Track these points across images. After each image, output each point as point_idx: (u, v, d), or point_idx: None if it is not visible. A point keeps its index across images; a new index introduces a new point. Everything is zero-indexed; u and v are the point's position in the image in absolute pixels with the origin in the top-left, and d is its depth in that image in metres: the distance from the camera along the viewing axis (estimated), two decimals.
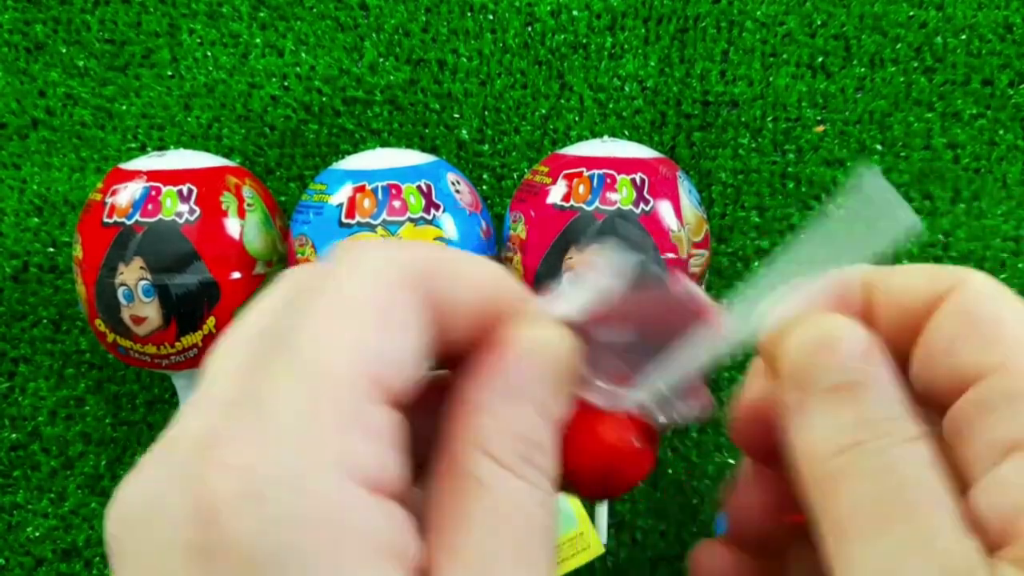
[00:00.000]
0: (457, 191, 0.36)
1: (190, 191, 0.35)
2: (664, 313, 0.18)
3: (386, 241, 0.17)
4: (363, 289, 0.15)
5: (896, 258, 0.40)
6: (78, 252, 0.36)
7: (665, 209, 0.34)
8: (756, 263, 0.41)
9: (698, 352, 0.18)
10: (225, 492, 0.13)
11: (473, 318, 0.16)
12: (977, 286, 0.17)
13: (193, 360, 0.36)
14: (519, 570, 0.15)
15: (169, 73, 0.43)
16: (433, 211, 0.34)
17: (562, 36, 0.42)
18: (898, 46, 0.41)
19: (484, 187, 0.42)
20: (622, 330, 0.18)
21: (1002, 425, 0.15)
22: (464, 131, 0.42)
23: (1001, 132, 0.40)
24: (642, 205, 0.34)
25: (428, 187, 0.35)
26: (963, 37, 0.41)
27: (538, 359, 0.16)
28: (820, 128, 0.41)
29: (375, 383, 0.14)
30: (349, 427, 0.14)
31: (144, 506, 0.14)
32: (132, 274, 0.34)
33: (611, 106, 0.42)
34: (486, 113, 0.42)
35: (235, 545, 0.12)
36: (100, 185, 0.36)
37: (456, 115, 0.42)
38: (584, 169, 0.35)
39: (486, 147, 0.42)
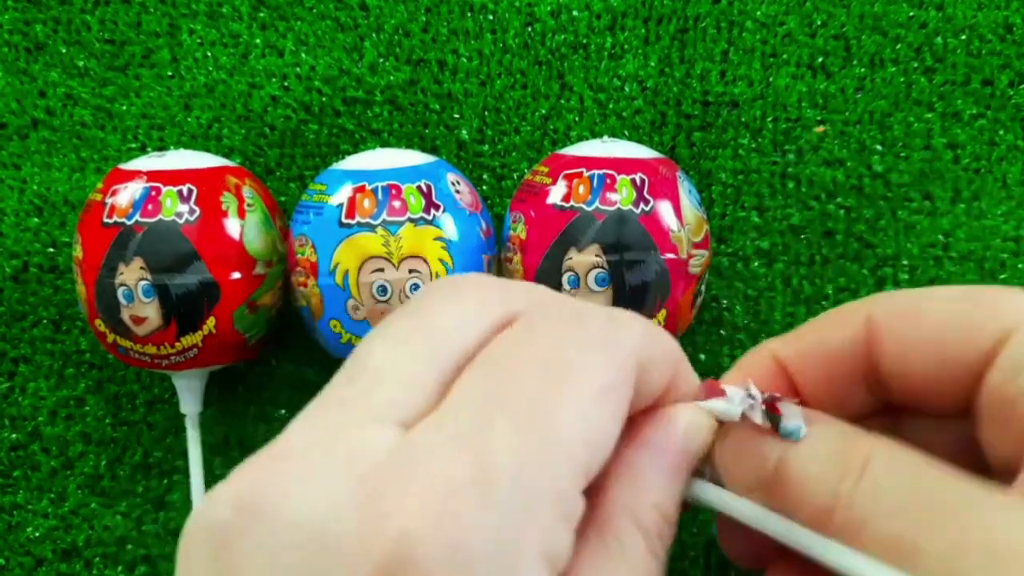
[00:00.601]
0: (457, 191, 0.36)
1: (190, 191, 0.35)
2: None
3: (596, 313, 0.16)
4: (595, 368, 0.14)
5: (896, 258, 0.40)
6: (78, 252, 0.36)
7: (665, 209, 0.34)
8: (756, 263, 0.41)
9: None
10: (427, 550, 0.11)
11: (653, 398, 0.17)
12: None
13: (193, 360, 0.36)
14: None
15: (169, 73, 0.43)
16: (433, 211, 0.34)
17: (562, 36, 0.42)
18: (898, 46, 0.41)
19: (484, 187, 0.42)
20: None
21: None
22: (464, 131, 0.42)
23: (1001, 132, 0.40)
24: (642, 205, 0.34)
25: (428, 187, 0.35)
26: (963, 37, 0.41)
27: (701, 445, 0.17)
28: (820, 128, 0.41)
29: (587, 469, 0.13)
30: (562, 514, 0.13)
31: (310, 517, 0.11)
32: (132, 274, 0.34)
33: (611, 106, 0.42)
34: (486, 113, 0.42)
35: None
36: (100, 185, 0.36)
37: (456, 115, 0.42)
38: (584, 169, 0.35)
39: (486, 147, 0.42)
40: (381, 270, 0.34)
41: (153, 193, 0.35)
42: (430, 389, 0.14)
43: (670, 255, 0.34)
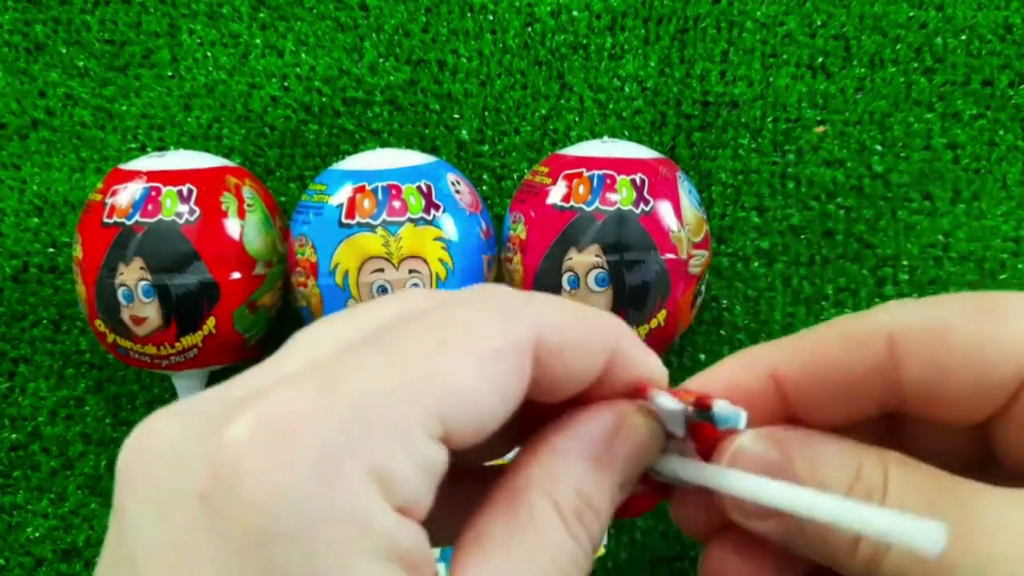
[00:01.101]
0: (457, 191, 0.36)
1: (190, 191, 0.35)
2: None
3: (514, 294, 0.16)
4: (482, 332, 0.14)
5: (896, 258, 0.40)
6: (78, 252, 0.36)
7: (665, 209, 0.34)
8: (756, 263, 0.41)
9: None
10: (252, 455, 0.12)
11: (578, 383, 0.16)
12: None
13: (193, 360, 0.36)
14: None
15: (169, 73, 0.43)
16: (433, 211, 0.34)
17: (562, 36, 0.42)
18: (898, 46, 0.41)
19: (484, 187, 0.42)
20: None
21: None
22: (464, 131, 0.42)
23: (1001, 132, 0.40)
24: (642, 205, 0.34)
25: (428, 187, 0.35)
26: (963, 37, 0.41)
27: (636, 443, 0.17)
28: (820, 129, 0.41)
29: (442, 423, 0.14)
30: (403, 448, 0.13)
31: (164, 444, 0.13)
32: (132, 274, 0.34)
33: (611, 106, 0.42)
34: (486, 113, 0.42)
35: (247, 510, 0.12)
36: (100, 185, 0.36)
37: (456, 115, 0.42)
38: (584, 169, 0.35)
39: (486, 147, 0.42)
40: (381, 270, 0.34)
41: (153, 193, 0.35)
42: (327, 358, 0.15)
43: (670, 255, 0.34)
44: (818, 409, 0.18)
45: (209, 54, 0.43)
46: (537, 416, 0.17)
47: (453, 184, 0.36)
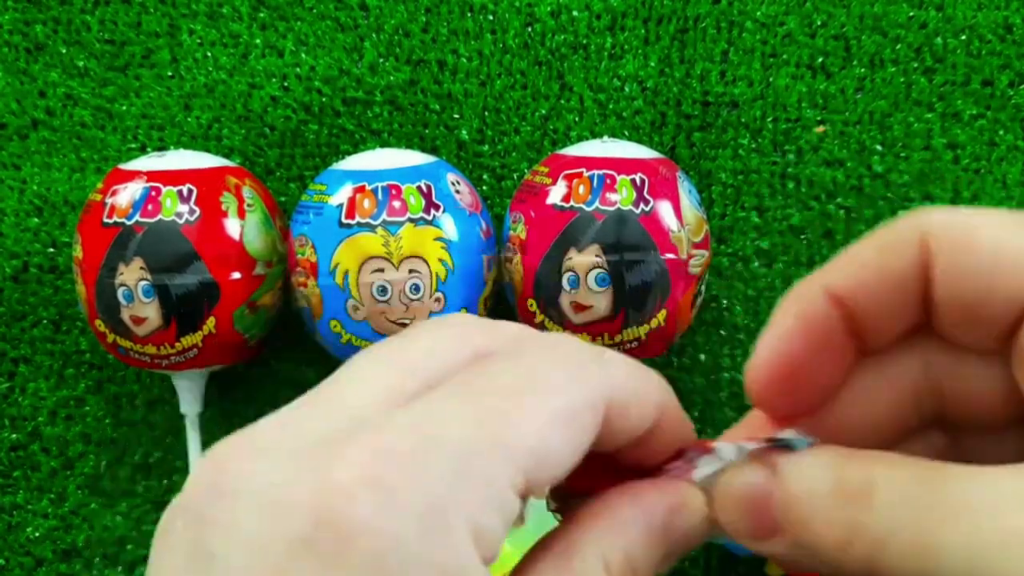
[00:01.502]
0: (457, 191, 0.36)
1: (190, 191, 0.35)
2: None
3: (582, 347, 0.17)
4: (561, 389, 0.15)
5: None
6: (78, 252, 0.36)
7: (665, 209, 0.34)
8: (756, 263, 0.41)
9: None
10: (361, 500, 0.12)
11: (632, 436, 0.17)
12: None
13: (193, 360, 0.36)
14: None
15: (169, 73, 0.43)
16: (433, 211, 0.34)
17: (562, 36, 0.42)
18: (898, 46, 0.41)
19: (484, 187, 0.42)
20: None
21: None
22: (464, 131, 0.42)
23: (1001, 132, 0.40)
24: (642, 205, 0.34)
25: (428, 187, 0.35)
26: (963, 37, 0.41)
27: (690, 525, 0.17)
28: (820, 129, 0.41)
29: (527, 479, 0.14)
30: (493, 503, 0.13)
31: (251, 486, 0.13)
32: (132, 274, 0.34)
33: (611, 106, 0.42)
34: (486, 113, 0.42)
35: (357, 557, 0.12)
36: (100, 185, 0.36)
37: (456, 115, 0.42)
38: (584, 169, 0.35)
39: (486, 147, 0.42)
40: (381, 270, 0.34)
41: (153, 193, 0.35)
42: (398, 393, 0.14)
43: (670, 255, 0.34)
44: (875, 319, 0.18)
45: (209, 54, 0.43)
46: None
47: (453, 184, 0.36)
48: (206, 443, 0.40)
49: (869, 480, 0.16)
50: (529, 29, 0.42)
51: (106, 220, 0.35)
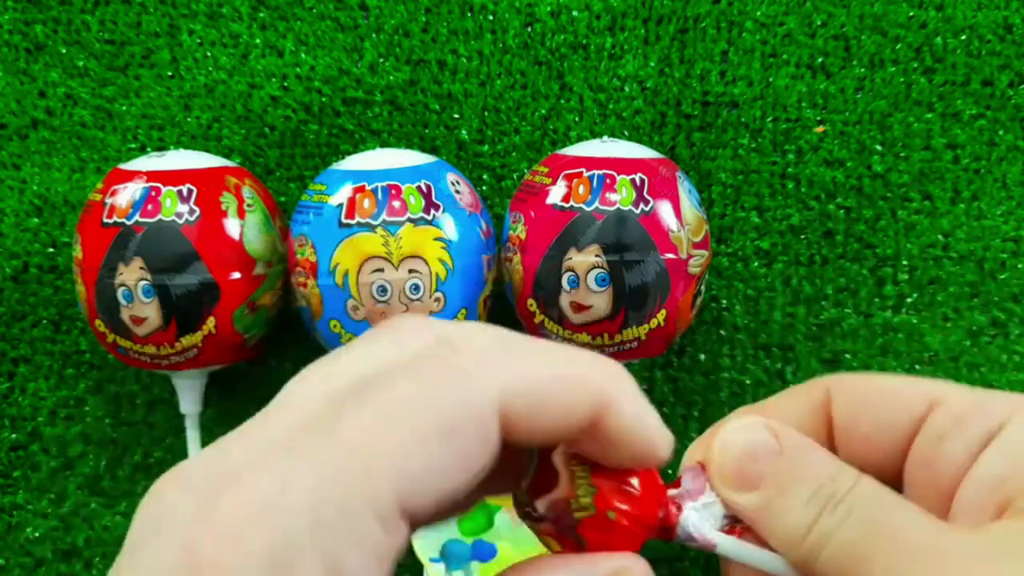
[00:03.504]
0: (457, 191, 0.36)
1: (190, 191, 0.35)
2: None
3: (486, 348, 0.16)
4: (437, 406, 0.15)
5: (896, 258, 0.40)
6: (78, 252, 0.36)
7: (665, 209, 0.34)
8: (756, 263, 0.41)
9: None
10: (213, 545, 0.13)
11: (564, 432, 0.17)
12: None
13: (193, 360, 0.36)
14: None
15: (169, 73, 0.43)
16: (433, 211, 0.34)
17: (562, 36, 0.42)
18: (898, 46, 0.41)
19: (484, 187, 0.42)
20: None
21: (962, 439, 0.18)
22: (464, 131, 0.42)
23: (1001, 132, 0.40)
24: (642, 205, 0.34)
25: (428, 187, 0.35)
26: (963, 37, 0.41)
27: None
28: (820, 129, 0.41)
29: (399, 503, 0.14)
30: (352, 540, 0.14)
31: (159, 514, 0.15)
32: (132, 274, 0.34)
33: (611, 106, 0.42)
34: (486, 113, 0.42)
35: None
36: (100, 185, 0.36)
37: (456, 115, 0.42)
38: (584, 169, 0.35)
39: (486, 147, 0.42)
40: (381, 270, 0.34)
41: (153, 193, 0.35)
42: (312, 419, 0.15)
43: (670, 255, 0.34)
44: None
45: (209, 54, 0.43)
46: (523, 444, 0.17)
47: (453, 184, 0.36)
48: (206, 443, 0.40)
49: (849, 490, 0.18)
50: (529, 29, 0.42)
51: (106, 220, 0.35)
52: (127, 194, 0.35)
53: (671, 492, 0.20)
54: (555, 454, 0.18)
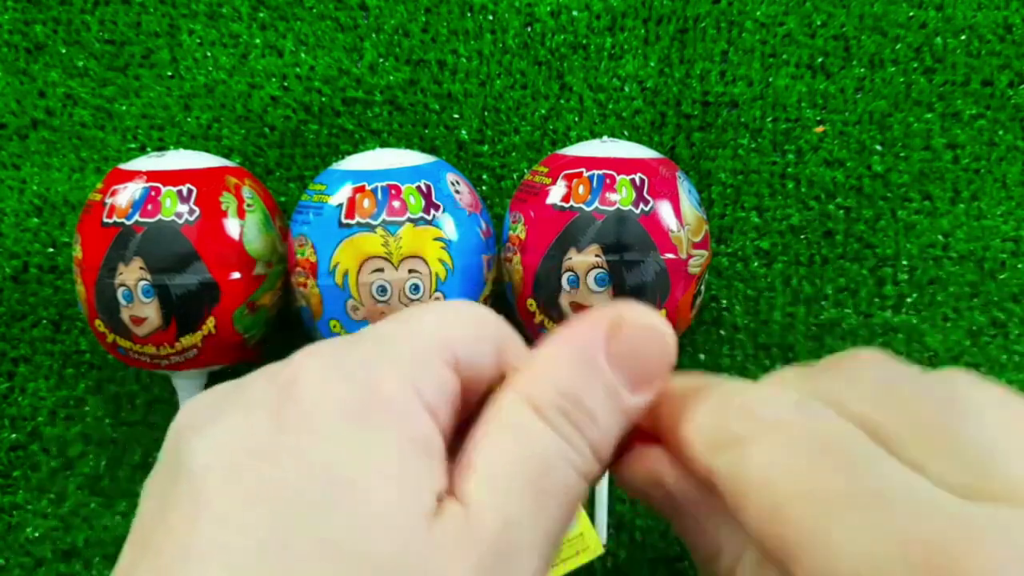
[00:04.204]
0: (457, 191, 0.36)
1: (190, 191, 0.35)
2: None
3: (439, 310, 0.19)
4: (465, 309, 0.18)
5: (896, 258, 0.40)
6: (78, 252, 0.36)
7: (665, 209, 0.34)
8: (756, 263, 0.41)
9: None
10: (308, 370, 0.17)
11: (479, 384, 0.18)
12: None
13: (193, 360, 0.36)
14: (529, 509, 0.15)
15: (169, 73, 0.43)
16: (433, 211, 0.34)
17: (562, 36, 0.42)
18: (898, 46, 0.41)
19: (484, 187, 0.42)
20: None
21: None
22: (464, 131, 0.42)
23: (1001, 132, 0.40)
24: (642, 205, 0.34)
25: (428, 187, 0.35)
26: (963, 37, 0.41)
27: (636, 343, 0.16)
28: (820, 129, 0.41)
29: (454, 355, 0.17)
30: (424, 363, 0.16)
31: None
32: (132, 274, 0.34)
33: (611, 106, 0.42)
34: (486, 113, 0.42)
35: (291, 391, 0.16)
36: (100, 185, 0.36)
37: (456, 115, 0.42)
38: (584, 169, 0.35)
39: (486, 147, 0.42)
40: (381, 270, 0.34)
41: (153, 193, 0.35)
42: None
43: (670, 255, 0.34)
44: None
45: (209, 54, 0.43)
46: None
47: (453, 184, 0.36)
48: None
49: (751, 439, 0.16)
50: (529, 29, 0.42)
51: (106, 220, 0.35)
52: (127, 194, 0.35)
53: None
54: None
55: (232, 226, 0.35)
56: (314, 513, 0.14)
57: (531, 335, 0.37)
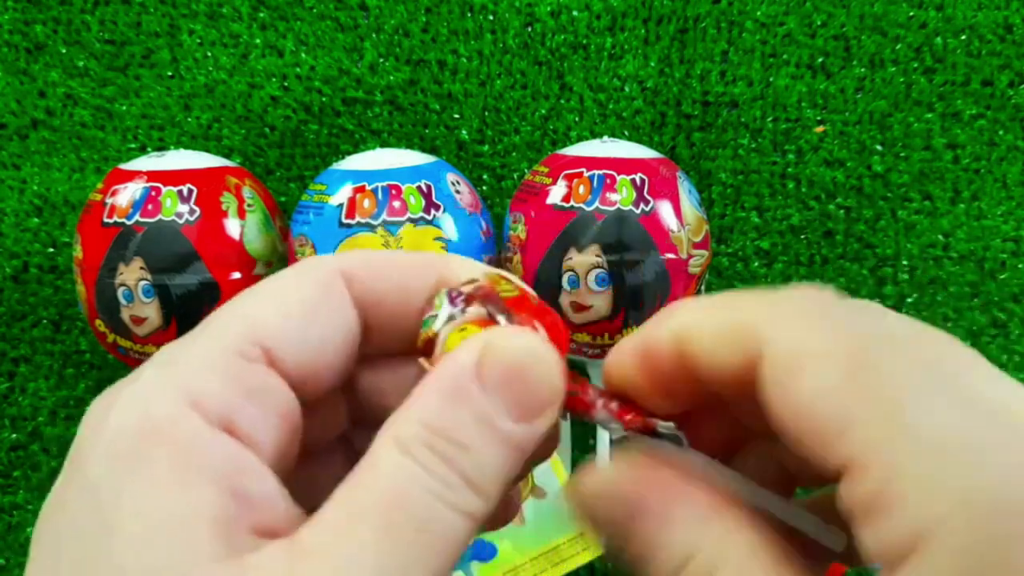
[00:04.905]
0: (457, 191, 0.36)
1: (190, 191, 0.35)
2: None
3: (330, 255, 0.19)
4: (287, 281, 0.17)
5: (896, 258, 0.40)
6: (78, 252, 0.36)
7: (665, 209, 0.34)
8: (756, 263, 0.41)
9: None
10: (95, 412, 0.16)
11: (404, 332, 0.17)
12: (778, 357, 0.16)
13: None
14: (375, 547, 0.14)
15: (169, 73, 0.43)
16: (433, 211, 0.34)
17: (562, 36, 0.42)
18: (898, 46, 0.41)
19: (484, 187, 0.42)
20: None
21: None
22: (464, 131, 0.42)
23: (1001, 132, 0.40)
24: (642, 205, 0.34)
25: (428, 187, 0.35)
26: (963, 37, 0.41)
27: (506, 367, 0.16)
28: (820, 129, 0.41)
29: (259, 346, 0.16)
30: (208, 368, 0.15)
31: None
32: (132, 274, 0.34)
33: (611, 106, 0.42)
34: (486, 113, 0.42)
35: (78, 444, 0.15)
36: (100, 185, 0.36)
37: (456, 115, 0.42)
38: (584, 169, 0.35)
39: (486, 147, 0.42)
40: None
41: (153, 193, 0.35)
42: None
43: (670, 255, 0.34)
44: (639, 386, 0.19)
45: (209, 54, 0.43)
46: None
47: (453, 184, 0.36)
48: None
49: (714, 568, 0.16)
50: (529, 29, 0.42)
51: (106, 220, 0.35)
52: (127, 194, 0.35)
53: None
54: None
55: (232, 226, 0.35)
56: (89, 570, 0.14)
57: None
